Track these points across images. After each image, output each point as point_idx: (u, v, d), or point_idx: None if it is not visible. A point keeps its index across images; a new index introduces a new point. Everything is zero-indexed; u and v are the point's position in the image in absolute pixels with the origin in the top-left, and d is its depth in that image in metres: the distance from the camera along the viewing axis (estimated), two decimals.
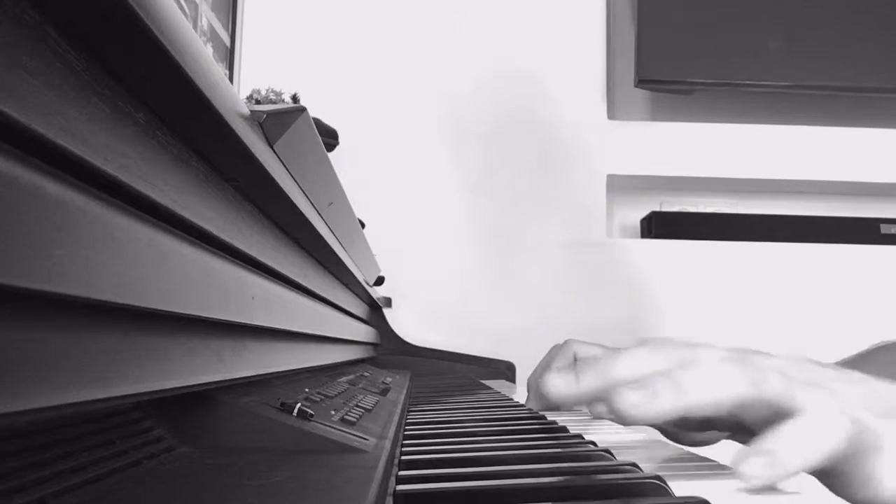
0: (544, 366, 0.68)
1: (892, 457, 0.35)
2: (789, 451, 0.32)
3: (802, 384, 0.36)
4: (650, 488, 0.30)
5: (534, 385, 0.68)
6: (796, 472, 0.33)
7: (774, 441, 0.33)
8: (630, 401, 0.35)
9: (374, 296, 1.18)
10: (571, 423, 0.53)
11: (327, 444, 0.35)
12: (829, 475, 0.35)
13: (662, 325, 1.63)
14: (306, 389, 0.48)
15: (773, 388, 0.35)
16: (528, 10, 1.73)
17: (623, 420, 0.37)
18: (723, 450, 0.45)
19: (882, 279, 1.64)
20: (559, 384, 0.41)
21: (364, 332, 1.06)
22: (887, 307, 1.60)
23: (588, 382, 0.40)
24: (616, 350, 0.42)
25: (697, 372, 0.36)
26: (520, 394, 0.89)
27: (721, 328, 1.61)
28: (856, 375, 0.40)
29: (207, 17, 1.40)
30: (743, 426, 0.39)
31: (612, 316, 1.61)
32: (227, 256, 0.33)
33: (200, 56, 0.25)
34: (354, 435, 0.37)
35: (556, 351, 0.68)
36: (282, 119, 0.37)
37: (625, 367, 0.40)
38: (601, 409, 0.39)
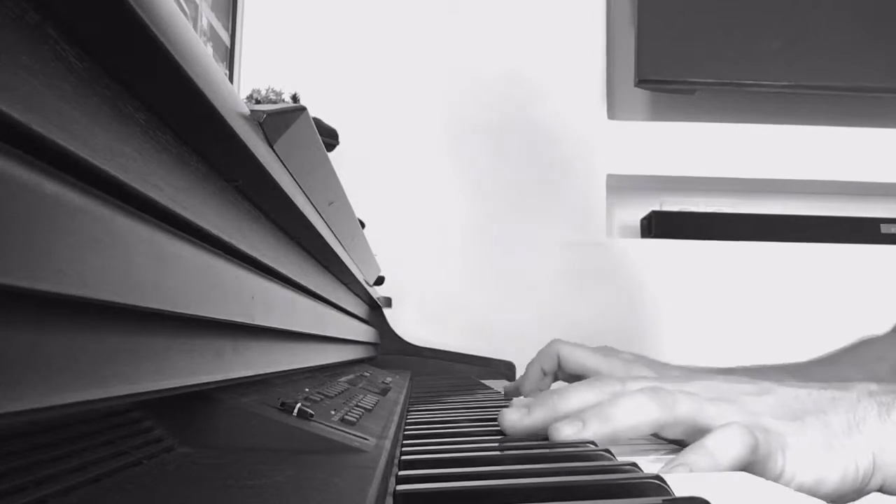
0: (531, 369, 0.77)
1: (794, 452, 0.40)
2: (703, 461, 0.38)
3: (711, 401, 0.43)
4: (650, 488, 0.30)
5: (530, 370, 0.77)
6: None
7: (691, 452, 0.39)
8: (565, 433, 0.43)
9: (374, 296, 1.18)
10: None
11: (327, 444, 0.35)
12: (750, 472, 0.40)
13: (662, 325, 1.63)
14: (306, 389, 0.48)
15: (683, 409, 0.43)
16: (528, 9, 1.73)
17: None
18: None
19: (882, 279, 1.64)
20: (514, 418, 0.47)
21: (364, 332, 1.06)
22: (887, 307, 1.60)
23: (536, 416, 0.46)
24: (561, 389, 0.49)
25: (620, 403, 0.43)
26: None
27: (721, 328, 1.61)
28: (765, 385, 0.46)
29: (207, 17, 1.40)
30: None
31: (611, 316, 1.61)
32: (227, 256, 0.33)
33: (200, 56, 0.25)
34: (354, 435, 0.37)
35: (550, 347, 0.75)
36: (282, 119, 0.37)
37: (566, 402, 0.46)
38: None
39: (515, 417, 0.47)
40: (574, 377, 0.75)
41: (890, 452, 0.41)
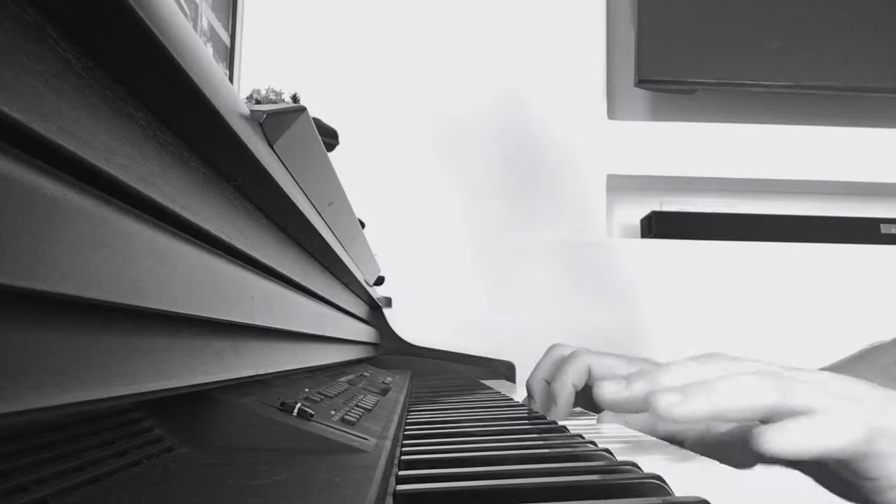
0: (539, 369, 0.69)
1: None
2: (805, 431, 0.36)
3: (828, 394, 0.39)
4: (650, 488, 0.30)
5: (534, 388, 0.68)
6: (809, 451, 0.36)
7: (793, 424, 0.36)
8: (667, 400, 0.39)
9: (374, 296, 1.18)
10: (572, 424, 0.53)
11: (327, 444, 0.35)
12: (844, 472, 0.38)
13: (662, 325, 1.63)
14: (306, 389, 0.48)
15: (800, 397, 0.38)
16: (528, 10, 1.73)
17: (659, 418, 0.41)
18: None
19: (882, 279, 1.64)
20: (612, 389, 0.45)
21: (364, 332, 1.06)
22: (887, 307, 1.60)
23: (636, 388, 0.44)
24: (666, 363, 0.46)
25: (731, 381, 0.40)
26: (520, 394, 0.89)
27: (721, 328, 1.61)
28: (892, 394, 0.42)
29: (207, 17, 1.40)
30: None
31: (611, 316, 1.61)
32: (227, 256, 0.33)
33: (200, 56, 0.25)
34: (354, 435, 0.37)
35: (555, 352, 0.68)
36: (282, 119, 0.37)
37: (671, 377, 0.44)
38: (609, 416, 0.47)
39: (614, 389, 0.45)
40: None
41: None
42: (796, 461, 0.38)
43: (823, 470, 0.40)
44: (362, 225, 0.98)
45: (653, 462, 0.39)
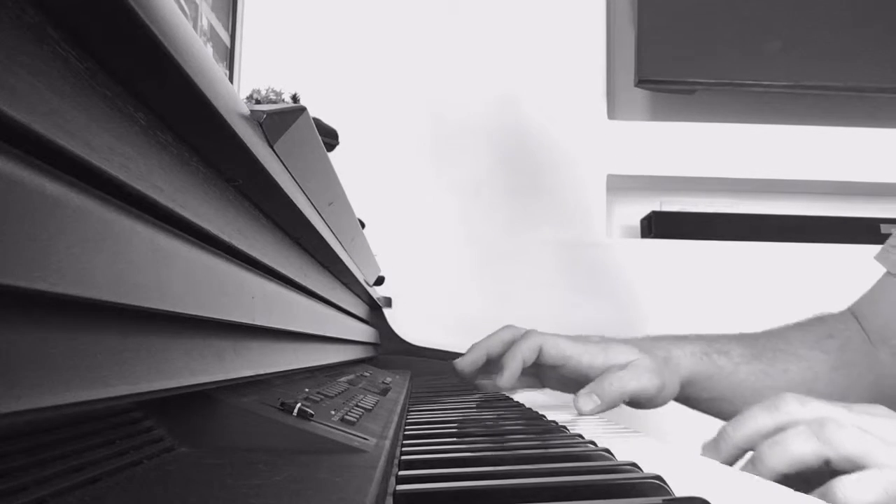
0: (487, 340, 0.80)
1: None
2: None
3: (885, 442, 0.42)
4: (650, 488, 0.30)
5: (473, 352, 0.82)
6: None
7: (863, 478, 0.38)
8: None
9: (374, 296, 1.18)
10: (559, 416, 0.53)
11: (327, 444, 0.35)
12: None
13: (662, 325, 1.63)
14: (306, 389, 0.48)
15: (848, 447, 0.41)
16: (528, 10, 1.73)
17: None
18: None
19: None
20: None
21: (364, 332, 1.06)
22: None
23: (723, 453, 0.47)
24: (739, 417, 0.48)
25: (779, 448, 0.43)
26: (519, 393, 0.89)
27: (720, 328, 1.61)
28: None
29: (207, 17, 1.40)
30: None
31: (611, 316, 1.61)
32: (227, 256, 0.33)
33: (200, 56, 0.25)
34: (354, 435, 0.37)
35: (506, 332, 0.78)
36: (282, 119, 0.37)
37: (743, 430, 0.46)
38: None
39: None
40: (549, 367, 0.75)
41: None
42: None
43: None
44: (362, 225, 0.98)
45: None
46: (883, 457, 0.41)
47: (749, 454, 0.45)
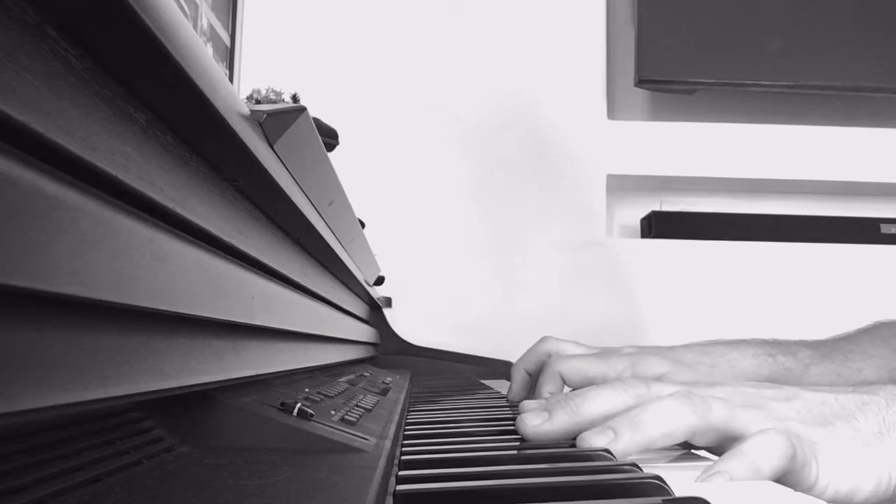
0: (528, 358, 0.73)
1: (827, 460, 0.39)
2: (743, 470, 0.36)
3: (742, 407, 0.42)
4: (650, 488, 0.30)
5: (514, 376, 0.73)
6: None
7: (730, 460, 0.36)
8: (596, 443, 0.41)
9: (374, 296, 1.18)
10: None
11: (327, 444, 0.35)
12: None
13: (662, 325, 1.63)
14: (306, 389, 0.48)
15: (716, 415, 0.41)
16: (528, 9, 1.73)
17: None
18: None
19: (882, 279, 1.64)
20: (534, 423, 0.45)
21: (364, 332, 1.06)
22: (887, 307, 1.60)
23: (558, 422, 0.45)
24: (582, 390, 0.47)
25: (651, 409, 0.41)
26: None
27: (721, 328, 1.61)
28: (791, 390, 0.45)
29: (207, 17, 1.40)
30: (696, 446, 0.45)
31: (611, 316, 1.61)
32: (227, 256, 0.33)
33: (200, 56, 0.25)
34: (354, 435, 0.37)
35: (542, 345, 0.72)
36: (282, 119, 0.37)
37: (589, 405, 0.45)
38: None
39: (536, 422, 0.44)
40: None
41: None
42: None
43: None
44: (362, 225, 0.98)
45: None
46: (745, 418, 0.41)
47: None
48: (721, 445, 0.41)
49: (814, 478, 0.38)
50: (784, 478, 0.37)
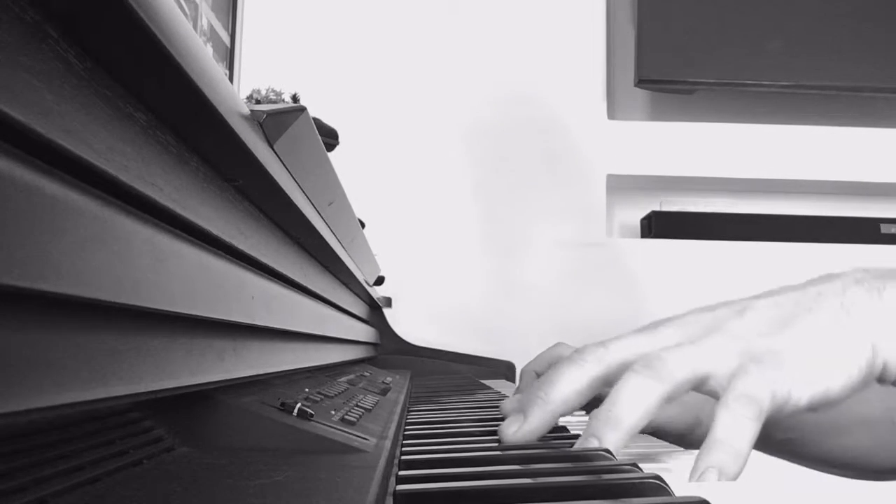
0: (539, 361, 0.70)
1: (793, 369, 0.37)
2: (729, 459, 0.34)
3: (696, 343, 0.40)
4: (650, 488, 0.30)
5: (523, 378, 0.71)
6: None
7: (710, 453, 0.35)
8: (586, 447, 0.39)
9: (374, 296, 1.18)
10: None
11: (327, 443, 0.35)
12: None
13: None
14: (306, 389, 0.48)
15: (681, 373, 0.38)
16: (528, 9, 1.73)
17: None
18: None
19: None
20: (511, 431, 0.43)
21: (364, 332, 1.06)
22: None
23: (533, 423, 0.43)
24: (545, 375, 0.45)
25: (622, 399, 0.39)
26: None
27: None
28: (742, 303, 0.43)
29: (207, 17, 1.40)
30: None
31: (612, 316, 1.61)
32: (228, 256, 0.33)
33: (200, 56, 0.25)
34: (354, 435, 0.37)
35: (555, 350, 0.70)
36: (282, 119, 0.37)
37: (559, 390, 0.43)
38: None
39: (513, 429, 0.43)
40: None
41: (887, 337, 0.37)
42: None
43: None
44: (362, 225, 0.98)
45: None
46: (704, 354, 0.39)
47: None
48: (697, 389, 0.39)
49: (786, 394, 0.37)
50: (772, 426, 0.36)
